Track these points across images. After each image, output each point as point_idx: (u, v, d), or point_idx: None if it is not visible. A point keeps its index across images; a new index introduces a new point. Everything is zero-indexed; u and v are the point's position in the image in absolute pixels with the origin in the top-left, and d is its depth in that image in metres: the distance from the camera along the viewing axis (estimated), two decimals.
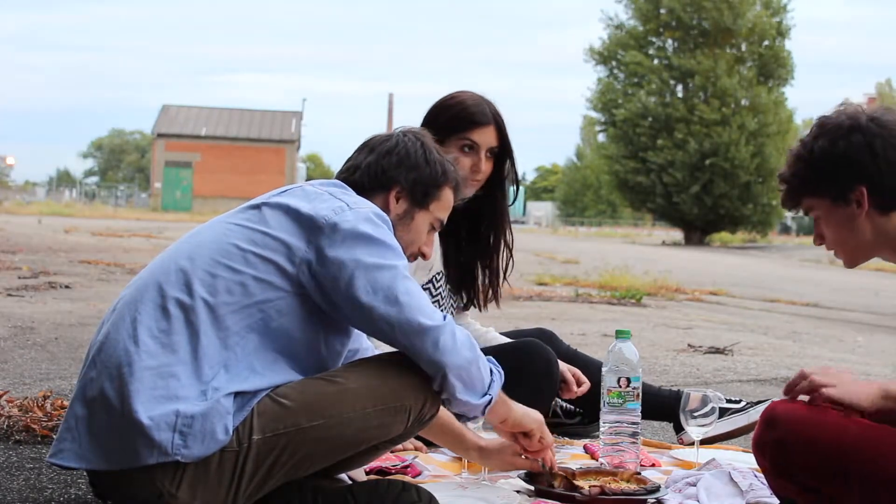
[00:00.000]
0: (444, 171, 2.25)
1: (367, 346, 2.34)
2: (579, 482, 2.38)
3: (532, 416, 2.30)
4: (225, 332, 1.95)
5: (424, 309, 2.00)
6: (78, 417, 1.93)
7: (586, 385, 2.98)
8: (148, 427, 1.85)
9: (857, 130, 2.08)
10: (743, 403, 3.13)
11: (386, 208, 2.18)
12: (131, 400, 1.87)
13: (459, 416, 2.16)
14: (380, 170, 2.21)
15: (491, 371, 2.12)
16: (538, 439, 2.31)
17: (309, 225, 2.01)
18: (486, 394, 2.09)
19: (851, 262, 2.21)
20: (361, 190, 2.17)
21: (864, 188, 2.08)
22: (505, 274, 3.17)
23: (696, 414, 2.76)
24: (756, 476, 2.43)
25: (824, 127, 2.13)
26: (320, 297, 2.01)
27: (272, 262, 1.99)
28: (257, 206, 2.08)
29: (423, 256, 2.30)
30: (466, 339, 2.04)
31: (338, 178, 2.24)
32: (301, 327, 2.02)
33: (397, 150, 2.22)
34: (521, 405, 2.29)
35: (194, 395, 1.89)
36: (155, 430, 1.86)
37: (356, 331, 2.20)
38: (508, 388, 2.47)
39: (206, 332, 1.93)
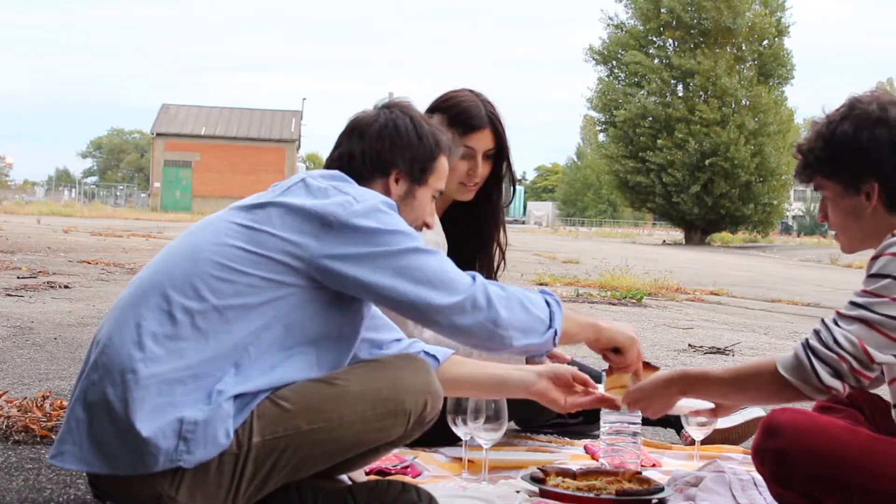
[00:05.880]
0: (437, 142, 2.24)
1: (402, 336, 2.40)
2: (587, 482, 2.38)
3: (625, 333, 2.32)
4: (236, 334, 1.92)
5: (450, 282, 2.02)
6: (79, 420, 1.92)
7: None
8: (153, 437, 1.84)
9: (884, 124, 2.01)
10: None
11: (387, 192, 2.17)
12: (135, 409, 1.85)
13: (532, 356, 2.18)
14: (375, 155, 2.18)
15: (547, 303, 2.14)
16: (635, 355, 2.32)
17: (318, 222, 1.98)
18: (549, 328, 2.12)
19: (850, 249, 2.17)
20: (360, 178, 2.14)
21: (876, 183, 2.02)
22: (496, 274, 3.16)
23: None
24: (756, 485, 2.42)
25: (853, 110, 2.06)
26: (339, 288, 2.01)
27: (281, 262, 1.96)
28: (262, 206, 2.03)
29: (427, 226, 2.30)
30: (499, 292, 2.06)
31: (331, 166, 2.20)
32: (317, 318, 2.01)
33: (388, 131, 2.19)
34: (612, 322, 2.33)
35: (200, 398, 1.88)
36: (161, 438, 1.84)
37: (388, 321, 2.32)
38: (515, 401, 2.49)
39: (216, 336, 1.91)
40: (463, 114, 2.96)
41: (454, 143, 2.34)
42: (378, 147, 2.18)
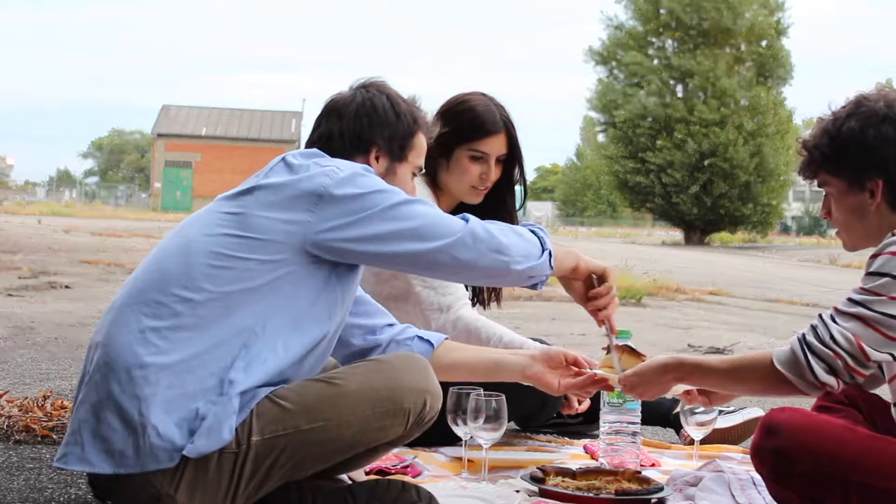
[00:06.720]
0: (415, 119, 2.26)
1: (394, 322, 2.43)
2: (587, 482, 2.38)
3: (599, 261, 2.39)
4: (239, 318, 1.93)
5: (446, 223, 2.06)
6: (82, 422, 1.91)
7: (587, 403, 2.97)
8: (168, 432, 1.85)
9: (891, 121, 2.02)
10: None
11: None
12: (148, 404, 1.85)
13: (534, 286, 2.21)
14: (354, 135, 2.20)
15: (533, 231, 2.20)
16: (613, 282, 2.38)
17: (309, 196, 1.99)
18: (543, 249, 2.17)
19: (852, 246, 2.18)
20: (340, 158, 2.14)
21: (881, 181, 2.03)
22: None
23: (696, 411, 2.76)
24: (755, 485, 2.42)
25: (859, 107, 2.06)
26: (340, 258, 2.02)
27: (277, 242, 1.96)
28: (248, 191, 2.04)
29: None
30: (492, 225, 2.11)
31: (310, 147, 2.21)
32: (319, 292, 2.02)
33: (366, 111, 2.21)
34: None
35: (212, 386, 1.88)
36: (177, 433, 1.85)
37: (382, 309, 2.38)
38: (514, 400, 2.49)
39: (219, 322, 1.91)
40: (477, 118, 2.95)
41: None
42: (356, 126, 2.20)
